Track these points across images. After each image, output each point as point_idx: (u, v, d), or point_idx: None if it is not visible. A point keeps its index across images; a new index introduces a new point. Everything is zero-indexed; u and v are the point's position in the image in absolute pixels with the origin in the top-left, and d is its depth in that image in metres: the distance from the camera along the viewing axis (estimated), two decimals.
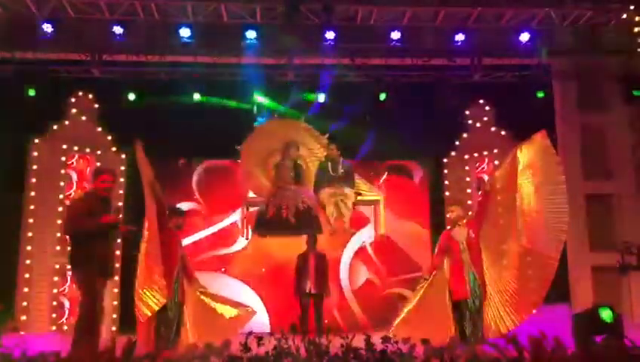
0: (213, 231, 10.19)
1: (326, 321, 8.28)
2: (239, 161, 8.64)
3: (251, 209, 8.24)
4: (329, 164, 7.97)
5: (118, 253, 8.43)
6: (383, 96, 9.45)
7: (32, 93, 8.82)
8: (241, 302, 7.06)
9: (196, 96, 9.32)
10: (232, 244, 10.17)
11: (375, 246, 10.14)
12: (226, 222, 10.21)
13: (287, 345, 4.48)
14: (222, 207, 10.23)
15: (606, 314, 5.88)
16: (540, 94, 9.44)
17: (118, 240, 7.71)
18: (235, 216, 10.07)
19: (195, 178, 10.30)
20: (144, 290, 5.97)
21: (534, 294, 6.60)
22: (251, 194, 8.33)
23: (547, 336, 4.41)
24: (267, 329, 8.57)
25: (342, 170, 7.94)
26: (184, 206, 9.35)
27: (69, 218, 5.61)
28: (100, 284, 5.51)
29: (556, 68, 9.65)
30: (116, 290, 8.99)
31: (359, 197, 7.99)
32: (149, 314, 5.94)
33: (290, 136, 8.12)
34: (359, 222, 9.31)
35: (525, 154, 6.69)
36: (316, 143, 8.32)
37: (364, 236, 10.05)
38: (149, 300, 5.94)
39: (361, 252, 10.28)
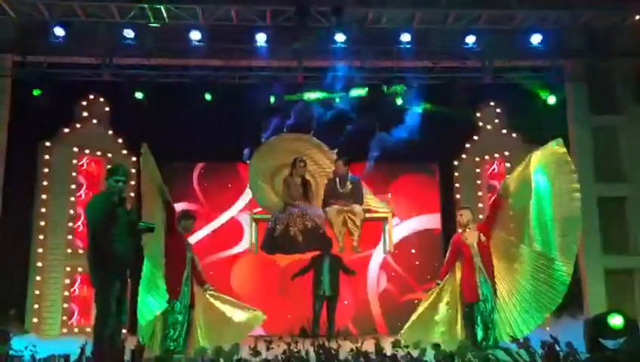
0: (213, 228, 10.22)
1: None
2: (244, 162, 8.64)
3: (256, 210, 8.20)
4: (337, 179, 7.88)
5: None
6: (400, 101, 9.37)
7: (36, 93, 8.84)
8: (250, 306, 7.03)
9: (208, 97, 9.29)
10: (235, 245, 10.18)
11: (395, 256, 10.05)
12: (226, 217, 10.22)
13: (297, 349, 4.46)
14: (223, 205, 10.29)
15: (616, 321, 5.79)
16: (551, 99, 9.33)
17: None
18: (233, 212, 10.13)
19: (195, 178, 10.31)
20: (146, 294, 5.97)
21: (547, 298, 6.55)
22: (247, 197, 8.28)
23: (559, 341, 4.37)
24: (261, 332, 8.46)
25: (350, 186, 7.83)
26: (182, 206, 9.37)
27: (96, 215, 5.32)
28: (117, 285, 5.37)
29: (568, 70, 9.57)
30: None
31: (368, 215, 7.90)
32: (151, 318, 5.94)
33: (298, 151, 8.07)
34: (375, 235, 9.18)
35: (540, 160, 6.65)
36: (325, 158, 8.26)
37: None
38: (151, 304, 5.94)
39: (385, 258, 10.25)
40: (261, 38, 8.83)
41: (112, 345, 4.77)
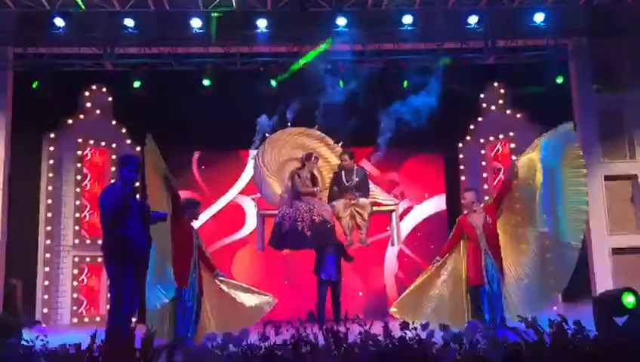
0: (213, 212, 10.16)
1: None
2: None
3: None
4: (343, 173, 7.87)
5: None
6: (405, 84, 9.31)
7: (35, 85, 8.82)
8: (260, 291, 7.07)
9: (206, 82, 9.23)
10: (238, 229, 10.15)
11: (410, 240, 10.00)
12: (225, 201, 10.19)
13: (306, 334, 4.47)
14: (225, 192, 10.26)
15: (629, 299, 5.78)
16: (559, 79, 9.25)
17: None
18: (233, 194, 10.11)
19: (197, 165, 10.31)
20: (154, 283, 6.00)
21: (554, 278, 6.56)
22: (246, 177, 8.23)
23: (567, 320, 4.36)
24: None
25: (356, 179, 7.82)
26: (185, 194, 9.35)
27: (111, 205, 5.26)
28: (132, 275, 5.39)
29: (572, 48, 9.50)
30: None
31: (375, 208, 7.90)
32: (158, 306, 5.97)
33: (304, 145, 8.09)
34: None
35: (550, 143, 6.64)
36: (330, 152, 8.26)
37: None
38: (159, 293, 5.97)
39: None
40: (262, 24, 8.80)
41: (123, 333, 4.80)
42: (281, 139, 8.18)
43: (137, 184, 8.42)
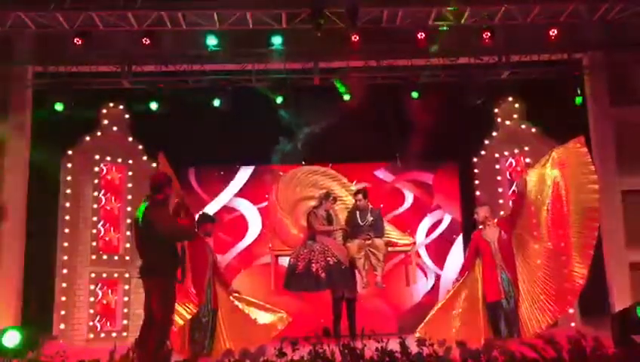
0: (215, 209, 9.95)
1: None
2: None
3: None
4: (357, 212, 7.82)
5: None
6: (415, 95, 9.33)
7: (58, 107, 8.93)
8: (274, 308, 7.07)
9: (216, 102, 9.28)
10: (242, 238, 9.99)
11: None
12: (220, 204, 10.08)
13: (322, 350, 4.48)
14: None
15: None
16: (579, 100, 9.18)
17: None
18: (228, 196, 10.02)
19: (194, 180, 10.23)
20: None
21: (570, 293, 6.52)
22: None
23: (586, 336, 4.34)
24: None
25: (371, 219, 7.78)
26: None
27: (168, 223, 5.37)
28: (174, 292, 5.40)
29: (586, 62, 9.49)
30: None
31: (390, 248, 7.85)
32: (182, 322, 6.00)
33: (316, 183, 8.13)
34: None
35: (560, 158, 6.63)
36: (344, 191, 8.27)
37: None
38: (180, 309, 6.01)
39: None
40: (277, 41, 8.88)
41: (143, 348, 4.85)
42: (295, 177, 8.23)
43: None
